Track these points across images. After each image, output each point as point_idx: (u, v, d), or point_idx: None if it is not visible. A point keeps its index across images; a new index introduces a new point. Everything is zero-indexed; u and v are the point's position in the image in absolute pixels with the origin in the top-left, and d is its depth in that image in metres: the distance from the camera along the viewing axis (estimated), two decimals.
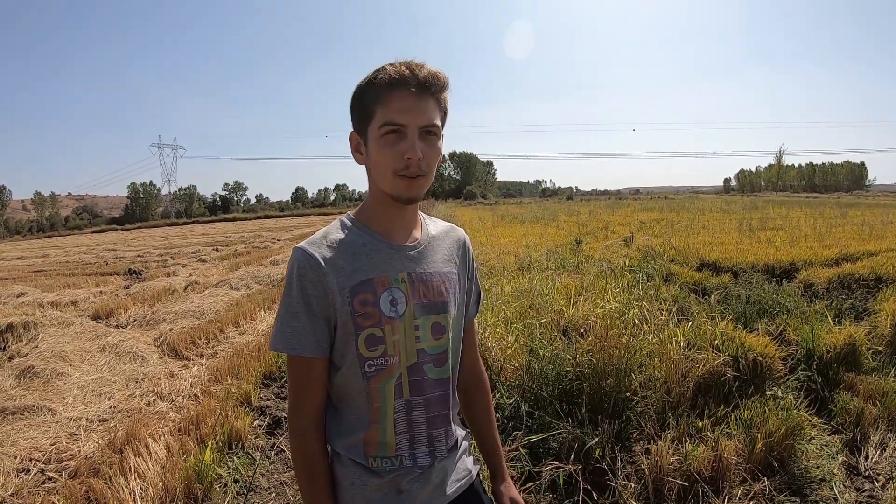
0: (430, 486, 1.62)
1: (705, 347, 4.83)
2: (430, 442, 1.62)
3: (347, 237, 1.56)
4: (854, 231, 14.95)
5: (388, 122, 1.45)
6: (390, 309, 1.52)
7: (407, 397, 1.57)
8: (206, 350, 7.70)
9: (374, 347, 1.51)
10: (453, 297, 1.66)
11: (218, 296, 11.29)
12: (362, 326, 1.50)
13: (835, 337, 5.56)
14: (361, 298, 1.50)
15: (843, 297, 7.80)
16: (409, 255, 1.60)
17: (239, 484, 4.03)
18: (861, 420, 4.44)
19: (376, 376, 1.53)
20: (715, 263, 10.28)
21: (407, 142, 1.45)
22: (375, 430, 1.56)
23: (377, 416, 1.55)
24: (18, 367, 6.87)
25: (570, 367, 4.47)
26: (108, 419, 5.33)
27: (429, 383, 1.60)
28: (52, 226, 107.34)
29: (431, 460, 1.62)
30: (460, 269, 1.74)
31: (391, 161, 1.46)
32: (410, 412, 1.58)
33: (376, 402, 1.55)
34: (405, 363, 1.55)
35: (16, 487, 4.12)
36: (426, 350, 1.58)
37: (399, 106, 1.45)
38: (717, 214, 25.69)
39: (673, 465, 3.65)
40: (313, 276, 1.48)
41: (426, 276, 1.60)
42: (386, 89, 1.45)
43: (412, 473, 1.58)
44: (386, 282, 1.53)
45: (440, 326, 1.61)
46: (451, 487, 1.68)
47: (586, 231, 17.51)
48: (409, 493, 1.58)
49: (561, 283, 7.20)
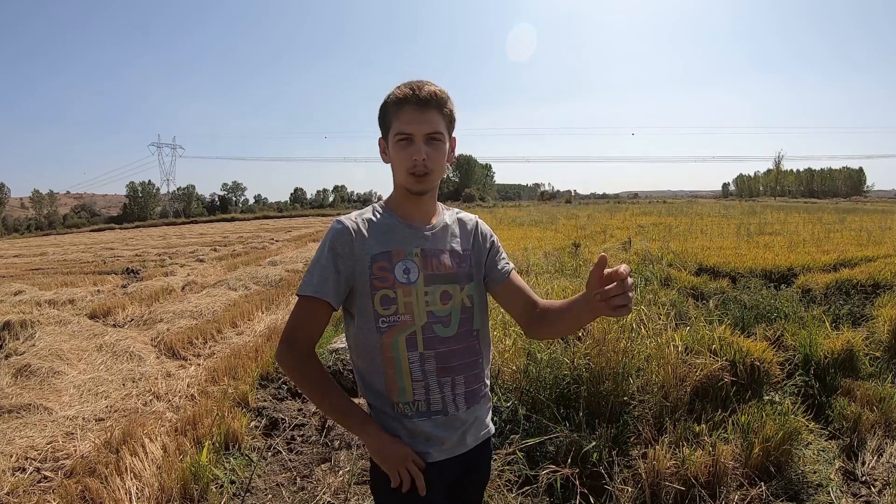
0: (453, 434, 1.94)
1: (703, 352, 4.83)
2: (441, 389, 1.91)
3: (375, 218, 1.94)
4: (852, 237, 14.98)
5: (399, 132, 1.85)
6: (403, 276, 1.87)
7: (421, 350, 1.88)
8: (204, 350, 7.70)
9: (388, 307, 1.85)
10: (462, 270, 1.99)
11: (216, 296, 11.27)
12: (377, 288, 1.85)
13: (832, 342, 5.57)
14: (380, 265, 1.86)
15: (840, 302, 7.81)
16: (425, 235, 1.95)
17: (235, 485, 4.03)
18: (858, 425, 4.45)
19: (389, 331, 1.86)
20: (713, 268, 10.29)
21: (414, 147, 1.85)
22: (391, 376, 1.88)
23: (391, 363, 1.88)
24: (15, 366, 6.85)
25: (568, 371, 4.47)
26: (105, 418, 5.32)
27: (438, 340, 1.90)
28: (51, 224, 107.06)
29: (445, 404, 1.92)
30: (472, 247, 2.08)
31: (404, 162, 1.87)
32: (424, 363, 1.88)
33: (389, 352, 1.87)
34: (419, 322, 1.87)
35: (11, 486, 4.11)
36: (434, 312, 1.90)
37: (407, 119, 1.84)
38: (716, 219, 25.72)
39: (670, 470, 3.66)
40: (344, 240, 1.86)
41: (437, 252, 1.95)
42: (397, 106, 1.86)
43: (433, 420, 1.90)
44: (402, 254, 1.89)
45: (447, 294, 1.93)
46: (471, 438, 2.01)
47: (585, 235, 17.54)
48: (436, 438, 1.91)
49: (559, 286, 7.20)
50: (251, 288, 12.43)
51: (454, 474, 1.99)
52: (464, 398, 1.95)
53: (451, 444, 1.94)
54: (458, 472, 1.99)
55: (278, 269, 15.14)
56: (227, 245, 27.13)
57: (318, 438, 4.86)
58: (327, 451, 4.65)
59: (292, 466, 4.39)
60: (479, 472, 2.10)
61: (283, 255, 18.97)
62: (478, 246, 2.09)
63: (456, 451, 1.95)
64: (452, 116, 1.94)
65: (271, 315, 9.62)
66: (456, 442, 1.95)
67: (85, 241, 39.80)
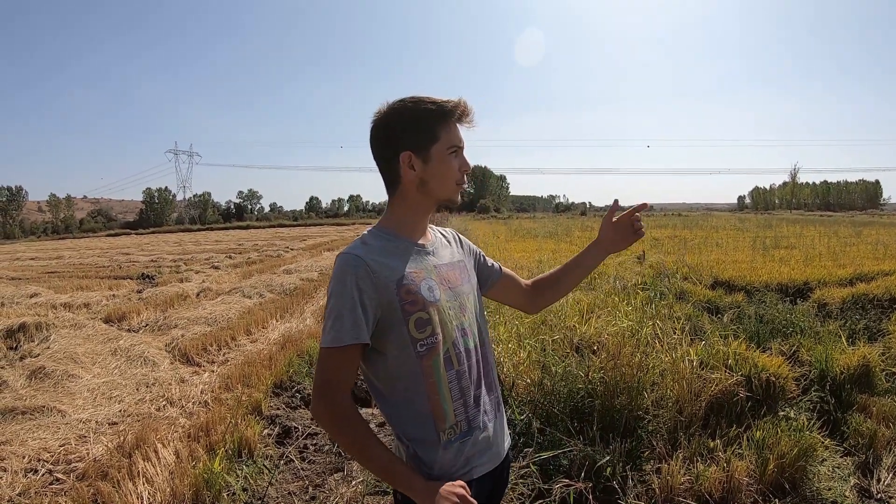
0: (489, 448, 1.92)
1: (718, 367, 4.80)
2: (477, 404, 1.88)
3: (382, 243, 1.84)
4: (868, 250, 14.86)
5: (454, 144, 1.83)
6: (429, 294, 1.80)
7: (457, 368, 1.84)
8: (218, 357, 7.71)
9: (423, 329, 1.77)
10: (467, 281, 2.00)
11: (230, 303, 11.31)
12: (410, 312, 1.76)
13: (848, 358, 5.52)
14: (406, 289, 1.77)
15: (856, 317, 7.73)
16: (430, 251, 1.92)
17: (248, 493, 4.03)
18: (874, 442, 4.39)
19: (427, 354, 1.77)
20: (728, 282, 10.24)
21: (462, 159, 1.87)
22: (436, 402, 1.80)
23: (434, 389, 1.79)
24: (30, 368, 6.90)
25: (583, 385, 4.45)
26: (118, 422, 5.34)
27: (466, 353, 1.87)
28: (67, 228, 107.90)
29: (480, 419, 1.89)
30: (465, 256, 2.09)
31: (454, 174, 1.86)
32: (461, 379, 1.84)
33: (431, 377, 1.78)
34: (449, 339, 1.83)
35: (23, 487, 4.14)
36: (457, 325, 1.86)
37: (457, 133, 1.85)
38: (731, 232, 25.58)
39: (684, 486, 3.63)
40: (363, 274, 1.72)
41: (445, 268, 1.93)
42: (450, 117, 1.82)
43: (472, 440, 1.85)
44: (421, 273, 1.83)
45: (464, 305, 1.92)
46: (503, 447, 2.00)
47: None
48: (476, 456, 1.87)
49: (574, 299, 7.18)
50: (266, 296, 12.46)
51: (490, 486, 1.96)
52: (492, 408, 1.95)
53: (490, 457, 1.91)
54: (491, 485, 1.97)
55: (293, 277, 15.16)
56: (243, 252, 27.19)
57: (332, 447, 4.86)
58: (340, 460, 4.65)
59: (304, 475, 4.39)
60: (503, 482, 2.07)
61: (297, 264, 18.98)
62: (468, 254, 2.12)
63: (494, 462, 1.93)
64: None
65: (286, 323, 9.63)
66: (493, 455, 1.93)
67: (101, 246, 40.07)
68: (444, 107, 1.80)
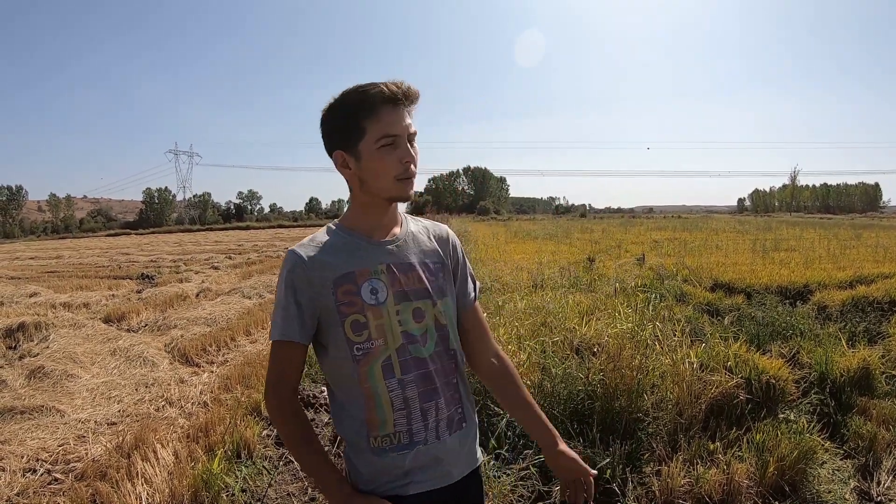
0: (435, 465, 1.76)
1: (718, 369, 4.79)
2: (425, 416, 1.74)
3: (331, 239, 1.76)
4: (868, 253, 14.87)
5: (385, 134, 1.65)
6: (371, 297, 1.69)
7: (399, 377, 1.71)
8: (217, 357, 7.71)
9: (360, 332, 1.68)
10: (435, 285, 1.82)
11: (230, 303, 11.31)
12: (346, 314, 1.68)
13: (848, 360, 5.52)
14: (344, 289, 1.68)
15: (856, 319, 7.73)
16: (389, 250, 1.77)
17: (247, 494, 4.02)
18: (874, 445, 4.39)
19: (365, 359, 1.68)
20: (728, 284, 10.24)
21: (402, 149, 1.67)
22: (372, 409, 1.70)
23: (370, 395, 1.70)
24: (29, 367, 6.90)
25: (583, 387, 4.45)
26: (117, 423, 5.34)
27: (416, 362, 1.73)
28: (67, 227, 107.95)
29: (426, 434, 1.74)
30: (445, 259, 1.90)
31: (392, 168, 1.67)
32: (404, 389, 1.71)
33: (366, 382, 1.69)
34: (392, 346, 1.70)
35: (22, 487, 4.13)
36: (409, 332, 1.73)
37: (391, 119, 1.65)
38: (731, 234, 25.60)
39: (684, 488, 3.63)
40: (300, 273, 1.68)
41: (405, 267, 1.77)
42: (377, 106, 1.64)
43: (413, 454, 1.72)
44: (366, 273, 1.71)
45: (420, 311, 1.76)
46: (457, 470, 1.82)
47: (599, 249, 17.46)
48: (413, 472, 1.73)
49: (574, 301, 7.17)
50: (265, 296, 12.45)
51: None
52: (446, 424, 1.78)
53: (434, 476, 1.76)
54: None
55: None
56: (242, 253, 27.28)
57: (331, 449, 4.85)
58: (339, 461, 4.64)
59: (304, 477, 4.38)
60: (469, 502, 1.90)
61: None
62: (452, 259, 1.94)
63: (440, 482, 1.77)
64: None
65: None
66: (440, 474, 1.77)
67: (101, 246, 40.11)
68: (365, 94, 1.65)
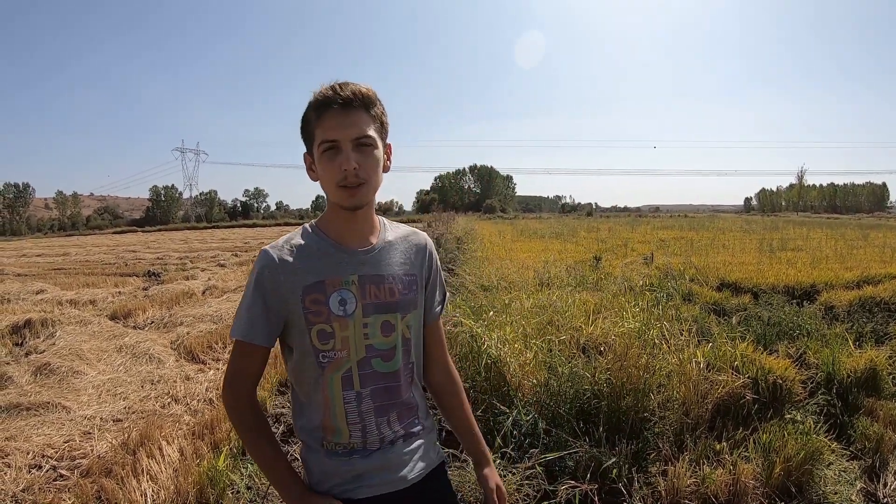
0: (387, 471, 1.76)
1: (725, 369, 4.77)
2: (380, 431, 1.75)
3: (306, 242, 1.73)
4: (875, 253, 14.86)
5: (323, 139, 1.64)
6: (339, 308, 1.68)
7: (357, 389, 1.72)
8: (223, 355, 7.69)
9: (326, 342, 1.68)
10: (407, 297, 1.80)
11: (236, 301, 11.24)
12: (313, 322, 1.67)
13: (855, 361, 5.50)
14: (312, 298, 1.67)
15: (863, 320, 7.71)
16: (362, 259, 1.75)
17: (252, 491, 4.02)
18: (880, 446, 4.36)
19: (329, 367, 1.69)
20: (735, 284, 10.25)
21: (342, 155, 1.63)
22: (328, 416, 1.72)
23: (328, 404, 1.72)
24: (35, 364, 6.90)
25: (589, 386, 4.44)
26: (123, 419, 5.33)
27: (377, 376, 1.74)
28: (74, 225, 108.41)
29: (381, 446, 1.76)
30: (419, 271, 1.88)
31: (332, 174, 1.65)
32: (360, 403, 1.72)
33: (326, 390, 1.71)
34: (354, 358, 1.71)
35: (27, 483, 4.12)
36: (374, 346, 1.73)
37: (329, 124, 1.63)
38: (738, 234, 25.60)
39: (690, 488, 3.61)
40: (269, 275, 1.67)
41: (377, 279, 1.75)
42: (318, 111, 1.65)
43: (365, 457, 1.74)
44: (336, 283, 1.69)
45: (389, 325, 1.75)
46: (412, 473, 1.81)
47: (606, 248, 17.46)
48: (365, 475, 1.74)
49: (580, 300, 7.16)
50: None
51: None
52: (402, 436, 1.80)
53: (386, 481, 1.76)
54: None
55: None
56: (249, 251, 27.25)
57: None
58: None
59: None
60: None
61: None
62: (428, 271, 1.92)
63: (392, 486, 1.77)
64: (383, 119, 1.73)
65: None
66: (392, 479, 1.77)
67: (107, 243, 40.19)
68: (313, 99, 1.67)
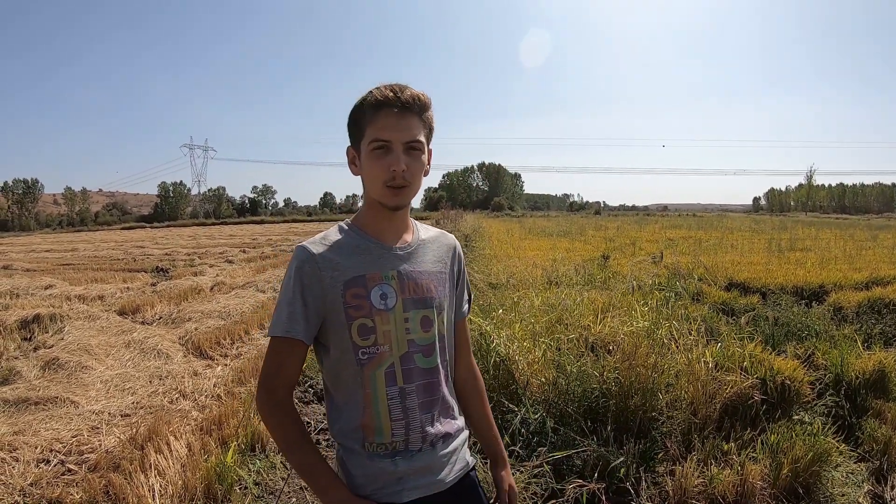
0: (428, 473, 1.77)
1: (733, 369, 4.77)
2: (423, 427, 1.75)
3: (343, 238, 1.76)
4: (885, 254, 14.81)
5: (376, 138, 1.67)
6: (380, 302, 1.70)
7: (401, 385, 1.72)
8: (231, 351, 7.72)
9: (367, 337, 1.69)
10: (442, 294, 1.84)
11: (244, 297, 11.31)
12: (353, 317, 1.68)
13: (864, 362, 5.48)
14: (353, 292, 1.69)
15: (872, 321, 7.69)
16: (400, 256, 1.79)
17: (260, 487, 4.02)
18: (888, 448, 4.34)
19: (369, 363, 1.69)
20: (743, 283, 10.22)
21: (392, 156, 1.66)
22: (370, 415, 1.71)
23: (369, 401, 1.71)
24: (43, 359, 6.93)
25: (597, 385, 4.44)
26: (131, 414, 5.35)
27: (419, 372, 1.75)
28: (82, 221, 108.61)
29: (423, 445, 1.76)
30: (450, 271, 1.92)
31: (380, 173, 1.68)
32: (405, 399, 1.73)
33: (367, 387, 1.70)
34: (397, 353, 1.72)
35: (35, 477, 4.14)
36: (416, 341, 1.75)
37: (384, 124, 1.66)
38: (746, 234, 25.51)
39: (697, 488, 3.61)
40: (309, 270, 1.68)
41: (415, 275, 1.79)
42: (373, 110, 1.68)
43: (408, 459, 1.73)
44: (377, 278, 1.72)
45: (428, 320, 1.77)
46: (450, 475, 1.82)
47: (614, 247, 17.42)
48: (407, 478, 1.73)
49: (589, 298, 7.15)
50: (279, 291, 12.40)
51: None
52: (442, 437, 1.81)
53: (427, 483, 1.76)
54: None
55: None
56: (257, 247, 27.30)
57: None
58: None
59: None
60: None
61: None
62: (456, 271, 1.97)
63: (432, 489, 1.77)
64: (432, 125, 1.78)
65: None
66: (432, 481, 1.77)
67: (115, 239, 40.20)
68: (367, 97, 1.70)
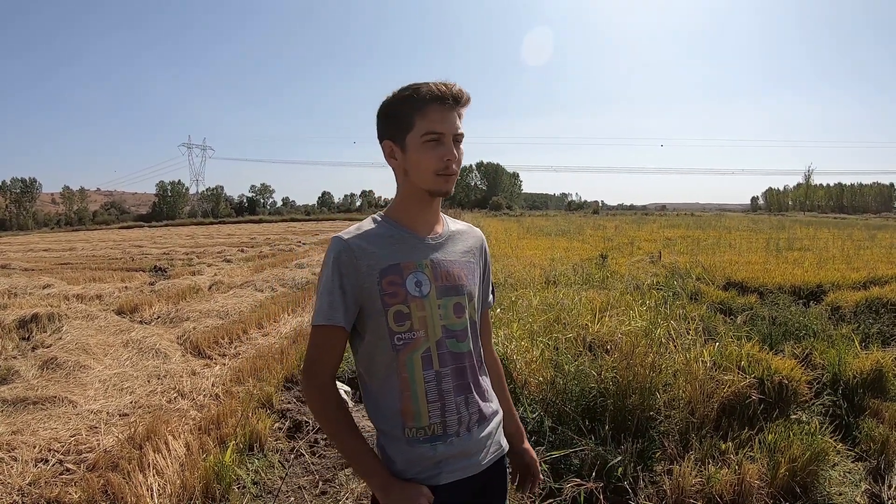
0: (465, 457, 1.83)
1: (731, 369, 4.78)
2: (458, 409, 1.81)
3: (377, 229, 1.83)
4: (883, 254, 14.83)
5: (429, 130, 1.73)
6: (415, 289, 1.76)
7: (437, 368, 1.78)
8: (229, 350, 7.72)
9: (402, 323, 1.75)
10: (472, 283, 1.91)
11: (242, 297, 11.32)
12: (389, 304, 1.74)
13: (861, 362, 5.48)
14: (389, 279, 1.75)
15: (870, 321, 7.70)
16: (432, 245, 1.86)
17: (258, 486, 4.03)
18: (886, 448, 4.35)
19: (404, 349, 1.75)
20: (741, 283, 10.24)
21: (445, 147, 1.75)
22: (407, 399, 1.77)
23: (406, 385, 1.76)
24: (41, 358, 6.93)
25: (595, 384, 4.44)
26: (129, 414, 5.35)
27: (453, 356, 1.82)
28: (80, 220, 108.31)
29: (460, 428, 1.81)
30: (478, 261, 2.00)
31: (433, 163, 1.75)
32: (440, 382, 1.78)
33: (404, 372, 1.76)
34: (433, 338, 1.78)
35: (34, 477, 4.14)
36: (448, 327, 1.81)
37: (437, 117, 1.74)
38: (744, 233, 25.54)
39: (695, 487, 3.62)
40: (346, 259, 1.74)
41: (447, 264, 1.86)
42: (426, 103, 1.73)
43: (446, 444, 1.79)
44: (412, 266, 1.78)
45: (461, 307, 1.85)
46: (486, 458, 1.89)
47: (612, 246, 17.45)
48: (447, 461, 1.79)
49: (587, 298, 7.16)
50: (278, 290, 12.46)
51: (466, 495, 1.86)
52: (477, 418, 1.86)
53: (464, 466, 1.82)
54: (469, 493, 1.87)
55: (305, 271, 15.18)
56: (255, 246, 27.28)
57: None
58: None
59: (315, 470, 4.39)
60: (494, 492, 1.98)
61: (310, 258, 18.98)
62: (483, 262, 2.04)
63: (469, 472, 1.83)
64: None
65: (297, 317, 9.62)
66: (469, 464, 1.83)
67: (114, 238, 40.20)
68: (417, 91, 1.75)
